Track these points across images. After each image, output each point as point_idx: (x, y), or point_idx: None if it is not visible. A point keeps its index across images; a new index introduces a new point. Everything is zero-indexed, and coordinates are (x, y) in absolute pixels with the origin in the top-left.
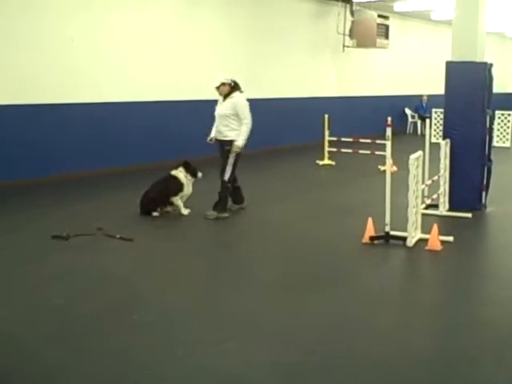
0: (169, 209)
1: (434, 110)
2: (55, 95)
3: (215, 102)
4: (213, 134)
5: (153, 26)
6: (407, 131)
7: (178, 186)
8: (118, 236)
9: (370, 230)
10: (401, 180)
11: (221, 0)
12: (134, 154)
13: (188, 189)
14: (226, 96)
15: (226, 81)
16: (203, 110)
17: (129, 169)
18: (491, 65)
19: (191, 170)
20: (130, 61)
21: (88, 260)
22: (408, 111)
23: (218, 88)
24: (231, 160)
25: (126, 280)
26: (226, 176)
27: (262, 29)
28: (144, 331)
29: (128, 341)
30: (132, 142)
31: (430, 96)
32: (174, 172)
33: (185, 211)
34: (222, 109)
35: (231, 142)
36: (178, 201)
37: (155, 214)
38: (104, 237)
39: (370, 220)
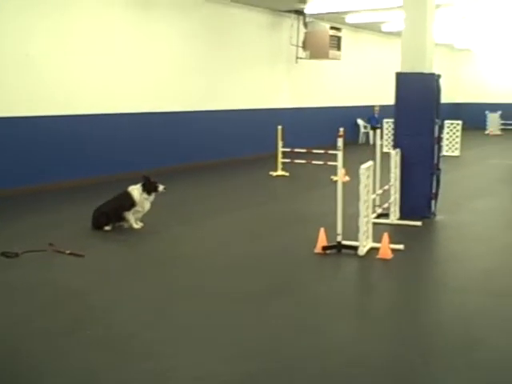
0: (122, 223)
1: (385, 120)
2: (9, 108)
3: (167, 114)
4: None
5: (106, 38)
6: (359, 141)
7: (130, 202)
8: (68, 252)
9: (322, 240)
10: (353, 190)
11: (174, 12)
12: (89, 167)
13: (143, 205)
14: None
15: None
16: (156, 122)
17: (85, 182)
18: (439, 76)
19: (148, 188)
20: (82, 74)
21: (39, 276)
22: (360, 122)
23: None
24: None
25: (78, 296)
26: None
27: (216, 40)
28: (97, 347)
29: (81, 357)
30: (89, 155)
31: (381, 106)
32: (130, 188)
33: (136, 225)
34: None
35: None
36: (129, 215)
37: (107, 228)
38: (55, 253)
39: (322, 230)
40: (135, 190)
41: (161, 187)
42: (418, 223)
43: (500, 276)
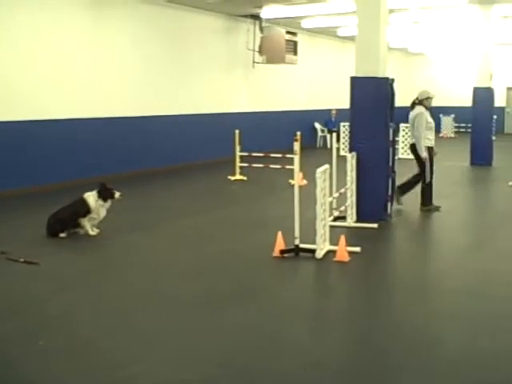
0: (78, 230)
1: (342, 123)
2: None
3: (124, 119)
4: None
5: (58, 43)
6: (317, 145)
7: (86, 209)
8: (21, 260)
9: (280, 244)
10: (311, 193)
11: (127, 16)
12: (44, 174)
13: (98, 212)
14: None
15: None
16: (113, 128)
17: (40, 189)
18: (393, 80)
19: (104, 195)
20: (34, 79)
21: None
22: (317, 125)
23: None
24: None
25: (34, 304)
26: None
27: (172, 45)
28: (51, 357)
29: (35, 367)
30: (44, 161)
31: (339, 110)
32: (85, 195)
33: (92, 232)
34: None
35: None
36: (84, 221)
37: (62, 235)
38: (8, 261)
39: (279, 234)
40: (91, 197)
41: (117, 194)
42: (375, 225)
43: (454, 276)
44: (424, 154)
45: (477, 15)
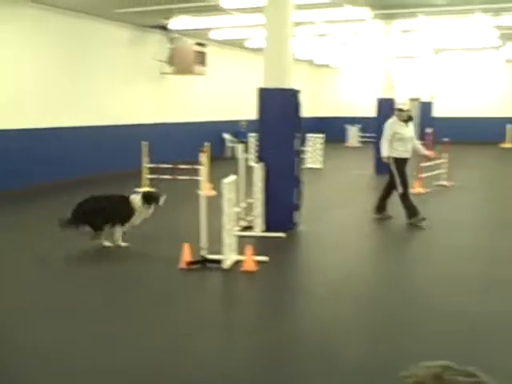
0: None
1: (250, 134)
2: None
3: (27, 130)
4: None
5: None
6: (226, 156)
7: (129, 212)
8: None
9: (186, 256)
10: (219, 204)
11: (29, 24)
12: None
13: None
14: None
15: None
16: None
17: None
18: (298, 91)
19: (148, 199)
20: None
21: None
22: (227, 136)
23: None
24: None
25: None
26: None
27: (78, 55)
28: None
29: None
30: None
31: (249, 121)
32: (132, 196)
33: (123, 243)
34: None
35: None
36: (121, 229)
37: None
38: None
39: (186, 245)
40: (137, 199)
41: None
42: (282, 235)
43: (359, 283)
44: (384, 154)
45: (379, 30)
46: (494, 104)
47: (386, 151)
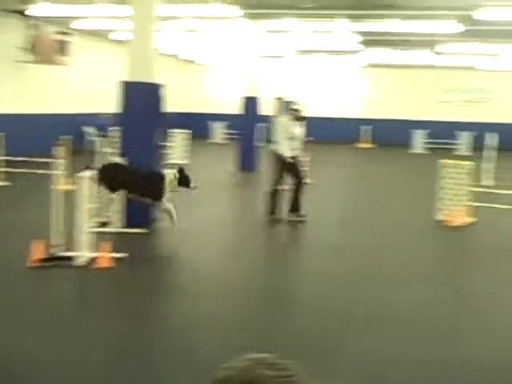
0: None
1: (113, 127)
2: None
3: None
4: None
5: None
6: (88, 149)
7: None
8: None
9: (37, 253)
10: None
11: None
12: None
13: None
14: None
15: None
16: None
17: None
18: (162, 85)
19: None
20: None
21: None
22: (88, 129)
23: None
24: None
25: None
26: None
27: None
28: None
29: None
30: None
31: (111, 114)
32: (166, 171)
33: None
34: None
35: None
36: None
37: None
38: None
39: (36, 242)
40: (171, 175)
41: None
42: (144, 230)
43: (230, 277)
44: (286, 154)
45: (246, 28)
46: (352, 106)
47: (288, 151)
